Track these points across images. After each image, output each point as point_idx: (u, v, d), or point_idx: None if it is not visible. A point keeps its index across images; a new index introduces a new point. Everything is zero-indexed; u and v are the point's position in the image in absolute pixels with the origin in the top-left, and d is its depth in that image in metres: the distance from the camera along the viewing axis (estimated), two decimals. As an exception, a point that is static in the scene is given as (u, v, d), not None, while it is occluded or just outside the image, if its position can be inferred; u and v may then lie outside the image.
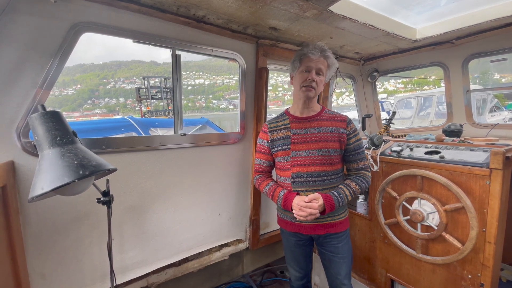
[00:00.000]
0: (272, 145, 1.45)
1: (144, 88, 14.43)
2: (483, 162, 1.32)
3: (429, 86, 26.47)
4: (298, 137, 1.38)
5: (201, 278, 2.18)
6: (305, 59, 1.35)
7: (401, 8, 1.89)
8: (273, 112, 55.01)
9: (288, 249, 1.57)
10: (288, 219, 1.46)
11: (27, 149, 1.29)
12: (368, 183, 1.41)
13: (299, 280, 1.60)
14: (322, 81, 1.37)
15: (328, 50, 1.36)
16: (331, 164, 1.35)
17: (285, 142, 1.40)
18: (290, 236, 1.50)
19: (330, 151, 1.34)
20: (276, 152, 1.43)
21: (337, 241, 1.42)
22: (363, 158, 1.43)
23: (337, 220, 1.41)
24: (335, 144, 1.35)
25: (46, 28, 1.25)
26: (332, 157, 1.35)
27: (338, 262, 1.43)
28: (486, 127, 2.24)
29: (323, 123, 1.38)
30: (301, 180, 1.35)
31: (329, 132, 1.36)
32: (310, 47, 1.34)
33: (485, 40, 2.05)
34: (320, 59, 1.34)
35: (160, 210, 1.81)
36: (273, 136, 1.45)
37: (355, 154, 1.40)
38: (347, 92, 27.27)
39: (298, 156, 1.36)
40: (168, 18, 1.54)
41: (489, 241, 1.30)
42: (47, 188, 0.87)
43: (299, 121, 1.41)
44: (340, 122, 1.38)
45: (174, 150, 1.81)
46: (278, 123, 1.47)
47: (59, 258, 1.47)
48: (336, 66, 1.41)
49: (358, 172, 1.42)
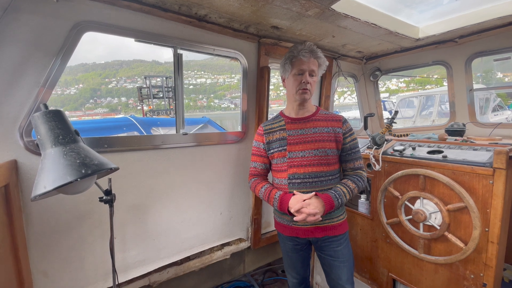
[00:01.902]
0: (268, 147, 1.43)
1: (146, 87, 14.46)
2: (486, 161, 1.31)
3: (431, 85, 26.30)
4: (294, 138, 1.37)
5: (203, 277, 2.19)
6: (297, 62, 1.33)
7: (403, 6, 1.88)
8: (275, 111, 55.28)
9: (285, 254, 1.54)
10: (285, 222, 1.42)
11: (30, 148, 1.30)
12: (365, 182, 1.40)
13: (296, 286, 1.58)
14: (315, 81, 1.37)
15: (318, 50, 1.35)
16: (328, 165, 1.34)
17: (281, 143, 1.39)
18: (287, 240, 1.47)
19: (327, 151, 1.33)
20: (272, 154, 1.42)
21: (336, 244, 1.39)
22: (359, 158, 1.42)
23: (336, 222, 1.38)
24: (331, 144, 1.34)
25: (48, 27, 1.25)
26: (329, 157, 1.34)
27: (338, 266, 1.39)
28: (489, 126, 2.22)
29: (318, 123, 1.38)
30: (298, 181, 1.33)
31: (325, 132, 1.35)
32: (300, 48, 1.32)
33: (489, 39, 2.04)
34: (311, 59, 1.32)
35: (162, 209, 1.82)
36: (269, 138, 1.43)
37: (351, 153, 1.39)
38: (348, 92, 27.22)
39: (295, 157, 1.35)
40: (169, 17, 1.54)
41: (492, 241, 1.29)
42: (49, 187, 0.87)
43: (295, 122, 1.40)
44: (336, 122, 1.38)
45: (176, 149, 1.81)
46: (273, 125, 1.46)
47: (61, 256, 1.47)
48: (326, 64, 1.41)
49: (355, 171, 1.41)
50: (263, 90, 2.05)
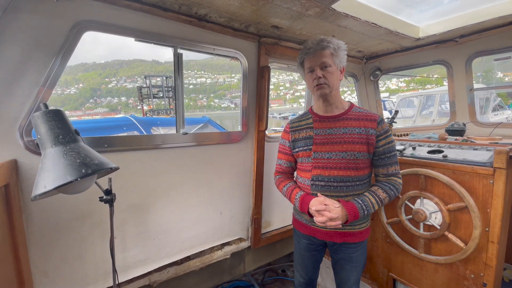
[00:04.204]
0: (294, 145, 1.38)
1: (146, 87, 14.48)
2: (487, 161, 1.31)
3: (431, 85, 26.23)
4: (321, 137, 1.29)
5: (203, 277, 2.19)
6: (305, 62, 1.31)
7: (404, 6, 1.87)
8: (275, 111, 54.68)
9: (297, 252, 1.51)
10: (304, 221, 1.39)
11: (30, 147, 1.30)
12: (398, 191, 1.27)
13: (302, 286, 1.55)
14: (333, 71, 1.25)
15: (324, 39, 1.25)
16: (356, 169, 1.23)
17: (306, 142, 1.32)
18: (303, 238, 1.44)
19: (356, 154, 1.22)
20: (298, 153, 1.36)
21: (353, 250, 1.33)
22: (394, 163, 1.28)
23: (357, 229, 1.29)
24: (362, 146, 1.22)
25: (48, 27, 1.25)
26: (359, 161, 1.22)
27: (349, 270, 1.36)
28: (490, 126, 2.22)
29: (349, 122, 1.26)
30: (321, 183, 1.26)
31: (356, 133, 1.23)
32: (304, 49, 1.29)
33: (489, 38, 2.03)
34: (318, 53, 1.24)
35: (162, 209, 1.82)
36: (295, 136, 1.38)
37: (384, 158, 1.26)
38: (349, 91, 27.17)
39: (320, 158, 1.27)
40: (169, 16, 1.54)
41: (492, 240, 1.29)
42: (49, 187, 0.87)
43: (323, 121, 1.32)
44: (370, 122, 1.24)
45: (176, 149, 1.81)
46: (301, 122, 1.40)
47: (61, 256, 1.47)
48: (342, 46, 1.27)
49: (388, 178, 1.28)
50: (263, 90, 2.05)
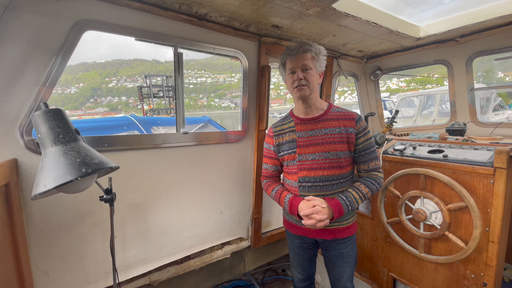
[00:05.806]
0: (278, 149, 1.41)
1: (146, 86, 14.47)
2: (487, 161, 1.31)
3: (432, 85, 26.24)
4: (304, 140, 1.32)
5: (203, 276, 2.19)
6: (286, 63, 1.32)
7: (404, 5, 1.87)
8: (275, 110, 54.84)
9: (292, 251, 1.55)
10: (294, 221, 1.43)
11: (30, 146, 1.30)
12: (380, 185, 1.32)
13: (302, 282, 1.59)
14: (314, 73, 1.28)
15: (306, 43, 1.27)
16: (339, 168, 1.28)
17: (290, 146, 1.35)
18: (295, 238, 1.49)
19: (339, 153, 1.26)
20: (283, 156, 1.39)
21: (343, 246, 1.38)
22: (374, 158, 1.33)
23: (345, 225, 1.35)
24: (343, 146, 1.27)
25: (48, 26, 1.25)
26: (341, 159, 1.27)
27: (342, 266, 1.40)
28: (490, 126, 2.22)
29: (329, 123, 1.30)
30: (308, 184, 1.30)
31: (336, 133, 1.28)
32: (287, 51, 1.31)
33: (490, 38, 2.03)
34: (300, 55, 1.26)
35: (162, 208, 1.82)
36: (279, 140, 1.41)
37: (364, 154, 1.31)
38: (349, 91, 27.19)
39: (305, 159, 1.30)
40: (170, 16, 1.54)
41: (493, 240, 1.29)
42: (50, 186, 0.87)
43: (304, 123, 1.35)
44: (348, 121, 1.29)
45: (176, 148, 1.81)
46: (283, 126, 1.42)
47: (62, 255, 1.48)
48: (323, 51, 1.31)
49: (369, 173, 1.33)
50: (263, 89, 2.05)
